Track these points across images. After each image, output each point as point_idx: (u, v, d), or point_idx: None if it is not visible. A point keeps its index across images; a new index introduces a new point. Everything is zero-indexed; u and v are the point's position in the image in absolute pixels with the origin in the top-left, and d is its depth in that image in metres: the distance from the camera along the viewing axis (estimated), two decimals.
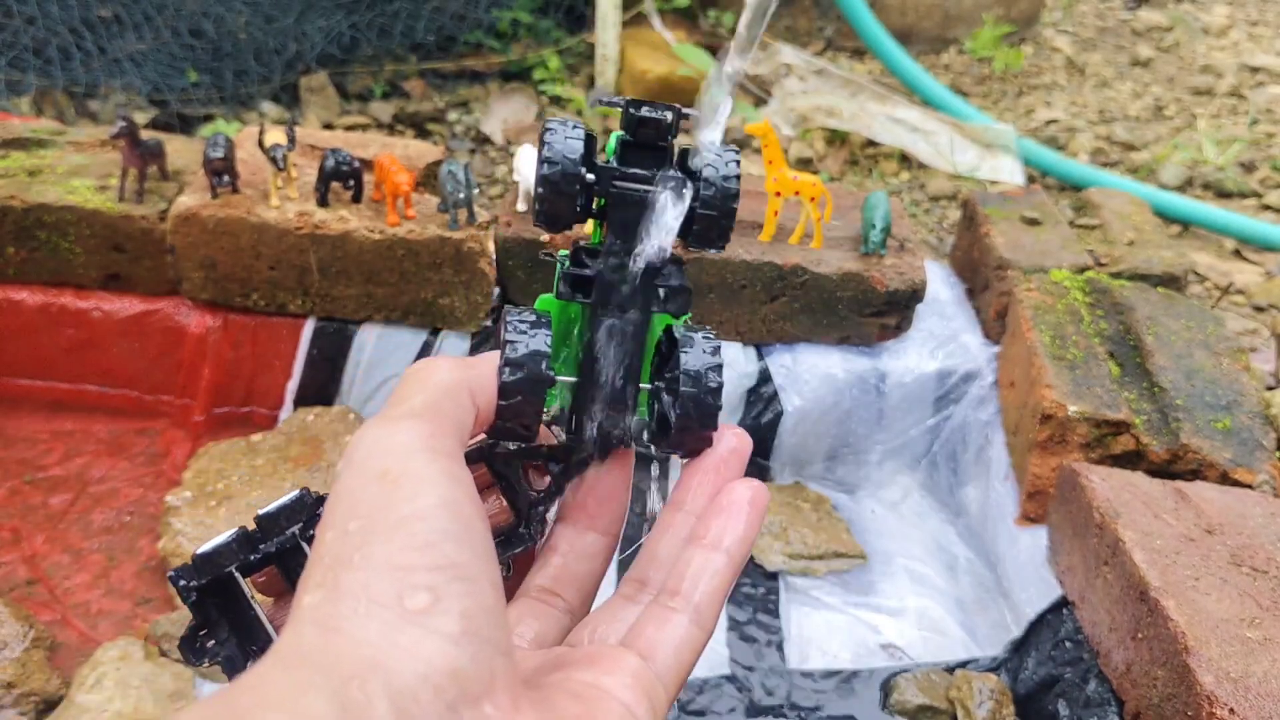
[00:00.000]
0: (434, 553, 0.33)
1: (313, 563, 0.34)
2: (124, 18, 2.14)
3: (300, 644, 0.31)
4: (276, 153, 1.41)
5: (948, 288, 1.65)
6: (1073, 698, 1.12)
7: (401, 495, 0.34)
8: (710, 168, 0.43)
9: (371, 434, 0.37)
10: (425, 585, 0.32)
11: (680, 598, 0.40)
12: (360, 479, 0.35)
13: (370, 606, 0.32)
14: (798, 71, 2.45)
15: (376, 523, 0.34)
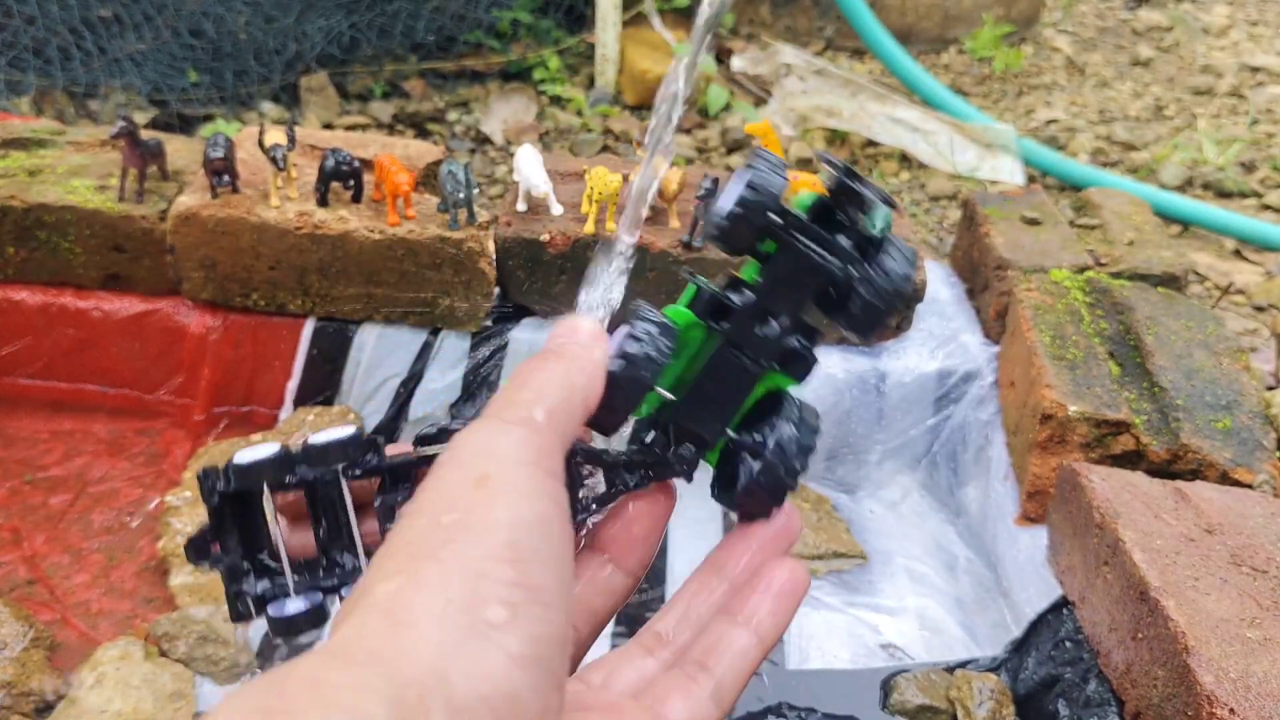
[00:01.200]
0: (521, 569, 0.32)
1: (393, 547, 0.33)
2: (124, 17, 2.14)
3: (365, 635, 0.30)
4: (276, 153, 1.41)
5: (948, 288, 1.65)
6: (1073, 698, 1.12)
7: (500, 504, 0.33)
8: (892, 259, 0.42)
9: (481, 435, 0.36)
10: (505, 600, 0.31)
11: (706, 673, 0.40)
12: (461, 477, 0.35)
13: (447, 607, 0.31)
14: (798, 71, 2.45)
15: (470, 523, 0.33)
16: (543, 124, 2.36)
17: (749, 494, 0.42)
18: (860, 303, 0.42)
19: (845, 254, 0.42)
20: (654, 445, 0.43)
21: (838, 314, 0.44)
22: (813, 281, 0.43)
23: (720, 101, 2.41)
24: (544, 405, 0.37)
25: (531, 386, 0.38)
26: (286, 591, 0.44)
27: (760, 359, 0.43)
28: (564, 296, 1.51)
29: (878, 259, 0.43)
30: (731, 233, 0.42)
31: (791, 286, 0.43)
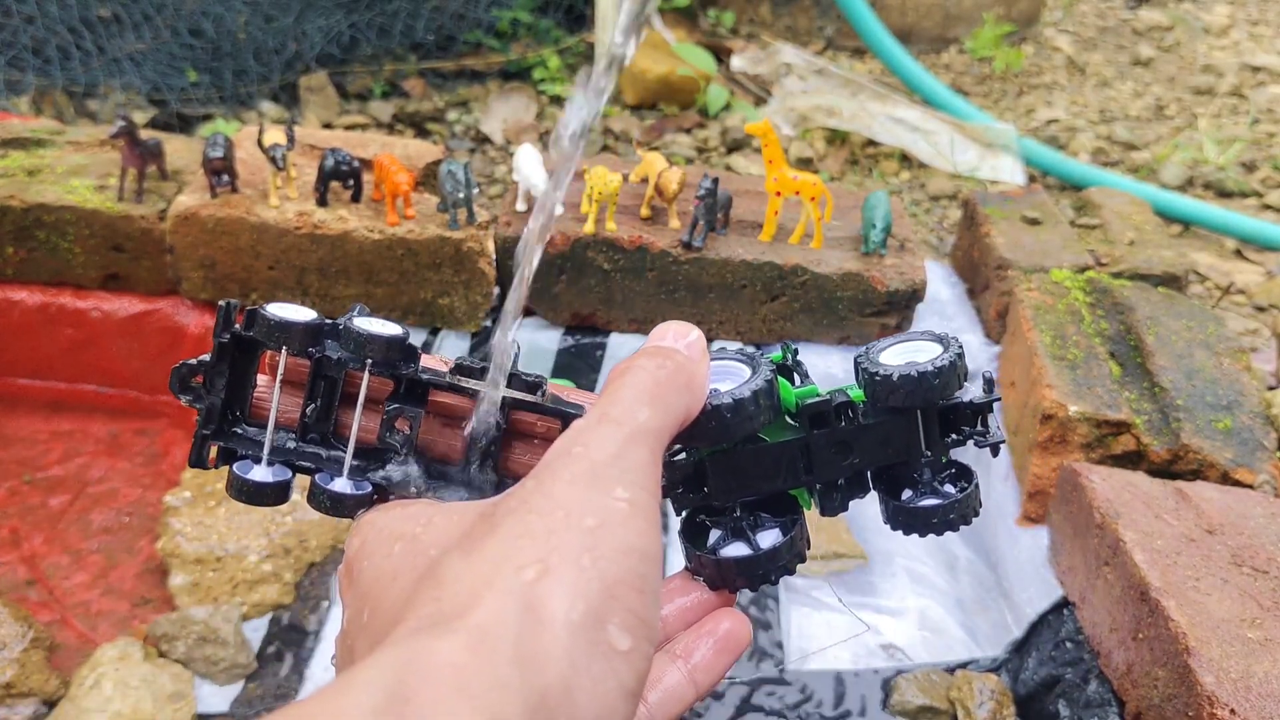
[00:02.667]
0: (644, 601, 0.32)
1: (531, 526, 0.33)
2: (123, 17, 2.14)
3: (504, 625, 0.30)
4: (276, 152, 1.40)
5: (948, 287, 1.65)
6: (1073, 698, 1.12)
7: (634, 528, 0.33)
8: (954, 488, 0.45)
9: (614, 442, 0.36)
10: (629, 628, 0.31)
11: (645, 706, 0.40)
12: (597, 480, 0.34)
13: (585, 618, 0.31)
14: (798, 71, 2.44)
15: (610, 538, 0.33)
16: (542, 123, 2.36)
17: (720, 569, 0.43)
18: (920, 506, 0.45)
19: (938, 464, 0.45)
20: (675, 464, 0.44)
21: (887, 494, 0.46)
22: (899, 460, 0.45)
23: (720, 101, 2.41)
24: (665, 420, 0.38)
25: (657, 397, 0.38)
26: (258, 457, 0.43)
27: (816, 476, 0.45)
28: (564, 296, 1.51)
29: (950, 479, 0.45)
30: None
31: (882, 449, 0.45)
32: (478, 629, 0.30)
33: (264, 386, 0.45)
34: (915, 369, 0.44)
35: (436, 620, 0.30)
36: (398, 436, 0.42)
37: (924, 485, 0.45)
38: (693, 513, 0.45)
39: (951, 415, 0.46)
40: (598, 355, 1.52)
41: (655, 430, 0.37)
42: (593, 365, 1.52)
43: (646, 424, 0.37)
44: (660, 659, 0.42)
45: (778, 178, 1.46)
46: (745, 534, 0.44)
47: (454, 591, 0.31)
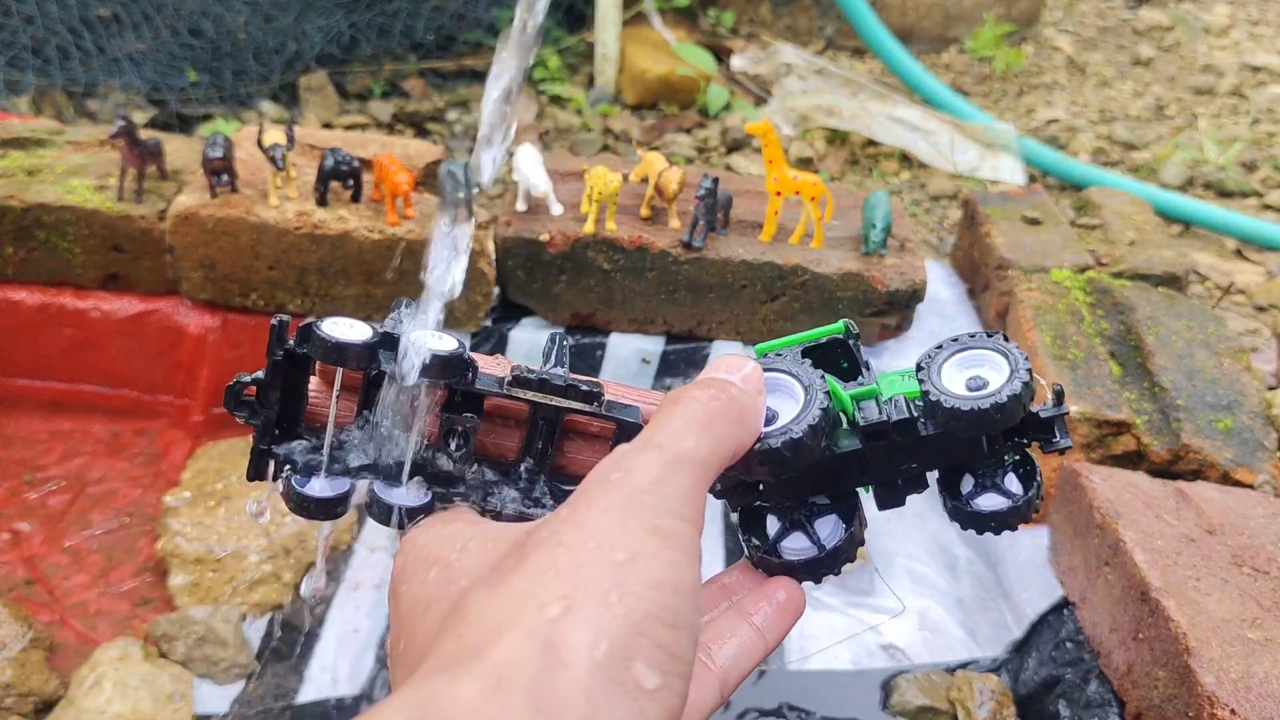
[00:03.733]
0: (675, 636, 0.32)
1: (558, 561, 0.32)
2: (123, 17, 2.14)
3: (524, 666, 0.30)
4: (275, 152, 1.40)
5: (948, 287, 1.65)
6: (1073, 699, 1.12)
7: (666, 560, 0.33)
8: (1018, 483, 0.46)
9: (655, 469, 0.35)
10: (658, 665, 0.31)
11: (711, 658, 0.41)
12: (632, 511, 0.34)
13: (609, 656, 0.30)
14: (798, 71, 2.44)
15: (639, 573, 0.32)
16: (542, 123, 2.36)
17: (785, 568, 0.44)
18: (981, 511, 0.47)
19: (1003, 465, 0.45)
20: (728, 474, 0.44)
21: (945, 489, 0.47)
22: (959, 463, 0.46)
23: (720, 101, 2.41)
24: (714, 452, 0.37)
25: (707, 427, 0.38)
26: (314, 470, 0.43)
27: (874, 477, 0.46)
28: (564, 296, 1.51)
29: (1014, 471, 0.46)
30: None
31: (941, 456, 0.45)
32: (496, 670, 0.30)
33: (316, 390, 0.45)
34: (982, 403, 0.42)
35: (458, 659, 0.31)
36: (455, 444, 0.43)
37: (985, 480, 0.45)
38: (749, 514, 0.46)
39: (1019, 423, 0.45)
40: (598, 355, 1.52)
41: (702, 460, 0.37)
42: (593, 365, 1.51)
43: (693, 452, 0.37)
44: (729, 616, 0.42)
45: (778, 177, 1.46)
46: (804, 525, 0.45)
47: (477, 629, 0.32)
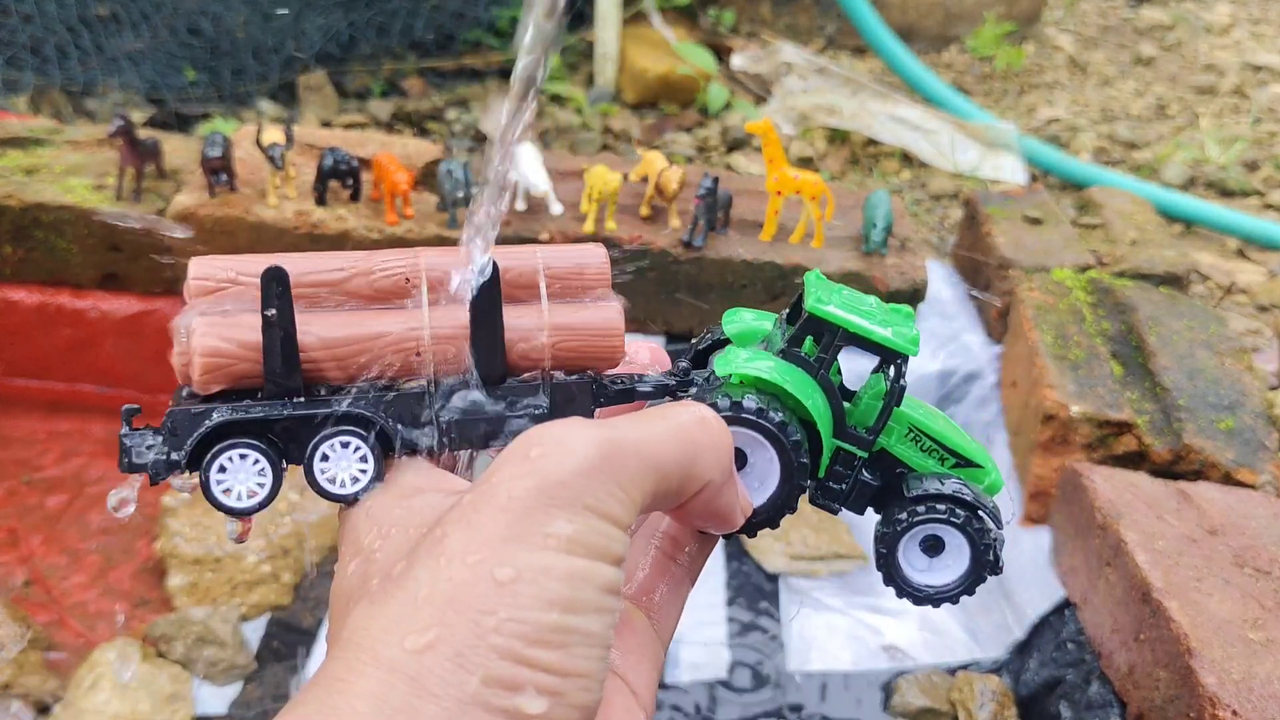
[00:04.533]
0: (567, 655, 0.30)
1: (435, 587, 0.30)
2: (121, 16, 2.13)
3: (386, 704, 0.29)
4: (274, 151, 1.40)
5: (949, 287, 1.65)
6: (1075, 699, 1.11)
7: (560, 572, 0.31)
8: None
9: (586, 452, 0.32)
10: (546, 688, 0.30)
11: (659, 624, 0.41)
12: (530, 511, 0.31)
13: (481, 690, 0.29)
14: (798, 70, 2.44)
15: (524, 589, 0.30)
16: (542, 122, 2.36)
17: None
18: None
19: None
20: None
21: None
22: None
23: (720, 100, 2.41)
24: (675, 466, 0.34)
25: (684, 441, 0.35)
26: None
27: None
28: None
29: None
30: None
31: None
32: (352, 709, 0.29)
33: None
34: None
35: (331, 683, 0.30)
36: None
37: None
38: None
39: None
40: None
41: (654, 462, 0.34)
42: None
43: (646, 447, 0.34)
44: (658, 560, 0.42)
45: (778, 177, 1.46)
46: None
47: (349, 655, 0.30)
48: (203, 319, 0.40)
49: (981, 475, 0.45)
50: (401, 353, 0.41)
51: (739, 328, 0.46)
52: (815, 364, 0.43)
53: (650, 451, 0.34)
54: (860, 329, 0.43)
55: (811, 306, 0.43)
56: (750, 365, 0.42)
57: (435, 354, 0.41)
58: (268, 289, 0.39)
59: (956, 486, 0.44)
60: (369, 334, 0.41)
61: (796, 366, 0.43)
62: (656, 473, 0.34)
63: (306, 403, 0.40)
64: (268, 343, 0.39)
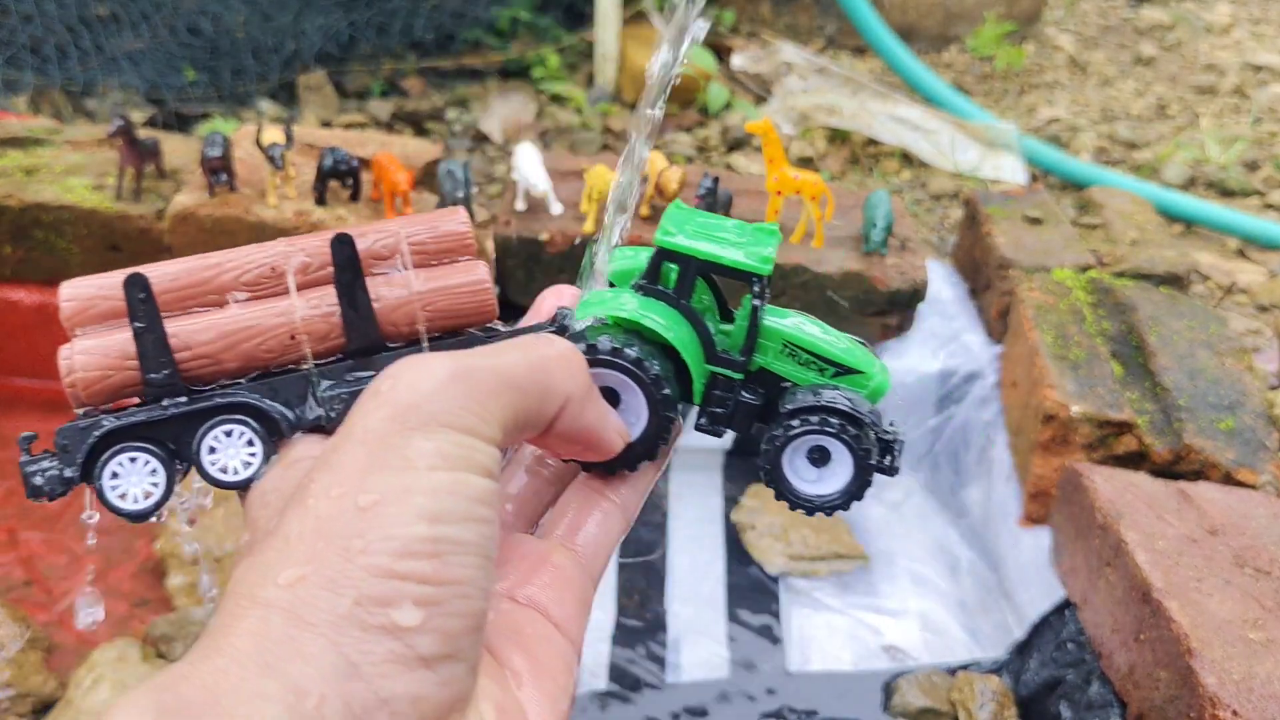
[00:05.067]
0: (440, 564, 0.31)
1: (304, 523, 0.31)
2: (121, 16, 2.13)
3: (266, 637, 0.29)
4: (274, 151, 1.40)
5: (949, 287, 1.65)
6: (1075, 700, 1.11)
7: (425, 487, 0.31)
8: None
9: (438, 376, 0.33)
10: (420, 599, 0.30)
11: (580, 549, 0.42)
12: (386, 442, 0.32)
13: (354, 610, 0.30)
14: (799, 70, 2.44)
15: (389, 509, 0.31)
16: (542, 122, 2.36)
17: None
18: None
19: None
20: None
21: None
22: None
23: (721, 100, 2.40)
24: (529, 383, 0.35)
25: (536, 365, 0.36)
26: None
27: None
28: None
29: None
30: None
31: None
32: (234, 645, 0.29)
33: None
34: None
35: (213, 631, 0.30)
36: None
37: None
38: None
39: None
40: None
41: (507, 377, 0.34)
42: None
43: (498, 367, 0.34)
44: (584, 494, 0.43)
45: (778, 177, 1.46)
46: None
47: (229, 606, 0.31)
48: (78, 340, 0.42)
49: (864, 381, 0.46)
50: (277, 339, 0.42)
51: (620, 265, 0.47)
52: (675, 295, 0.44)
53: (501, 367, 0.35)
54: (707, 255, 0.44)
55: (658, 239, 0.44)
56: (608, 306, 0.44)
57: (310, 334, 0.43)
58: (131, 297, 0.41)
59: (831, 395, 0.44)
60: (241, 326, 0.42)
61: (657, 300, 0.44)
62: (511, 388, 0.34)
63: (185, 400, 0.42)
64: (140, 349, 0.41)
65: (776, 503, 1.51)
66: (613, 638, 1.27)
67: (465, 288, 0.45)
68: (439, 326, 0.45)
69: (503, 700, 0.34)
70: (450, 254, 0.46)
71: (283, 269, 0.43)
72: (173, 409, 0.42)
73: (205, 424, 0.42)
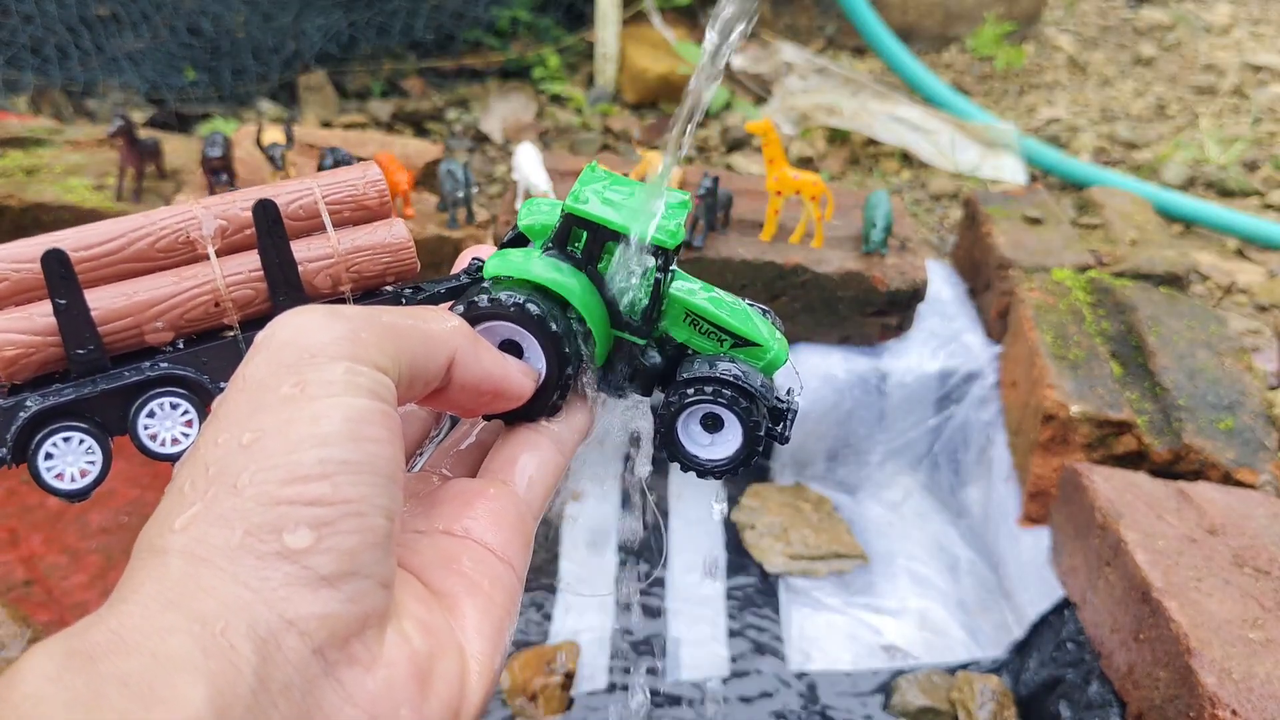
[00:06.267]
0: (330, 485, 0.31)
1: (193, 467, 0.32)
2: (122, 16, 2.13)
3: (165, 579, 0.30)
4: (274, 151, 1.40)
5: (949, 287, 1.65)
6: (1075, 699, 1.11)
7: (306, 416, 0.32)
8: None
9: (295, 325, 0.34)
10: (310, 521, 0.31)
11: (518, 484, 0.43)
12: (267, 381, 0.33)
13: (245, 540, 0.30)
14: (799, 70, 2.44)
15: (271, 445, 0.32)
16: (542, 122, 2.36)
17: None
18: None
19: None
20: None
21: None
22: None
23: (720, 100, 2.41)
24: (407, 329, 0.36)
25: (376, 309, 0.37)
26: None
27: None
28: None
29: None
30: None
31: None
32: (135, 591, 0.30)
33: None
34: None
35: (119, 586, 0.31)
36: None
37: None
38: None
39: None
40: None
41: (379, 319, 0.35)
42: None
43: (367, 309, 0.35)
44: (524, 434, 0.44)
45: (778, 177, 1.46)
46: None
47: (134, 556, 0.32)
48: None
49: (760, 354, 0.48)
50: (199, 306, 0.42)
51: (534, 220, 0.49)
52: (582, 259, 0.45)
53: (375, 313, 0.36)
54: (616, 225, 0.45)
55: (567, 206, 0.45)
56: (517, 267, 0.45)
57: (234, 301, 0.42)
58: (51, 273, 0.40)
59: (725, 367, 0.46)
60: (164, 296, 0.42)
61: (561, 263, 0.45)
62: (390, 329, 0.35)
63: (114, 374, 0.41)
64: (63, 325, 0.40)
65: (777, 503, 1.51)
66: (612, 638, 1.27)
67: (390, 246, 0.45)
68: (362, 286, 0.45)
69: (428, 619, 0.35)
70: (368, 210, 0.46)
71: (196, 237, 0.43)
72: (103, 385, 0.41)
73: (139, 398, 0.41)
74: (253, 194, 0.44)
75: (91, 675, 0.27)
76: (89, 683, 0.27)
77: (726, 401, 0.46)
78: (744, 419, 0.46)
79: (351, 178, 0.46)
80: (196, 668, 0.28)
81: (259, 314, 0.43)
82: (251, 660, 0.29)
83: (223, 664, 0.28)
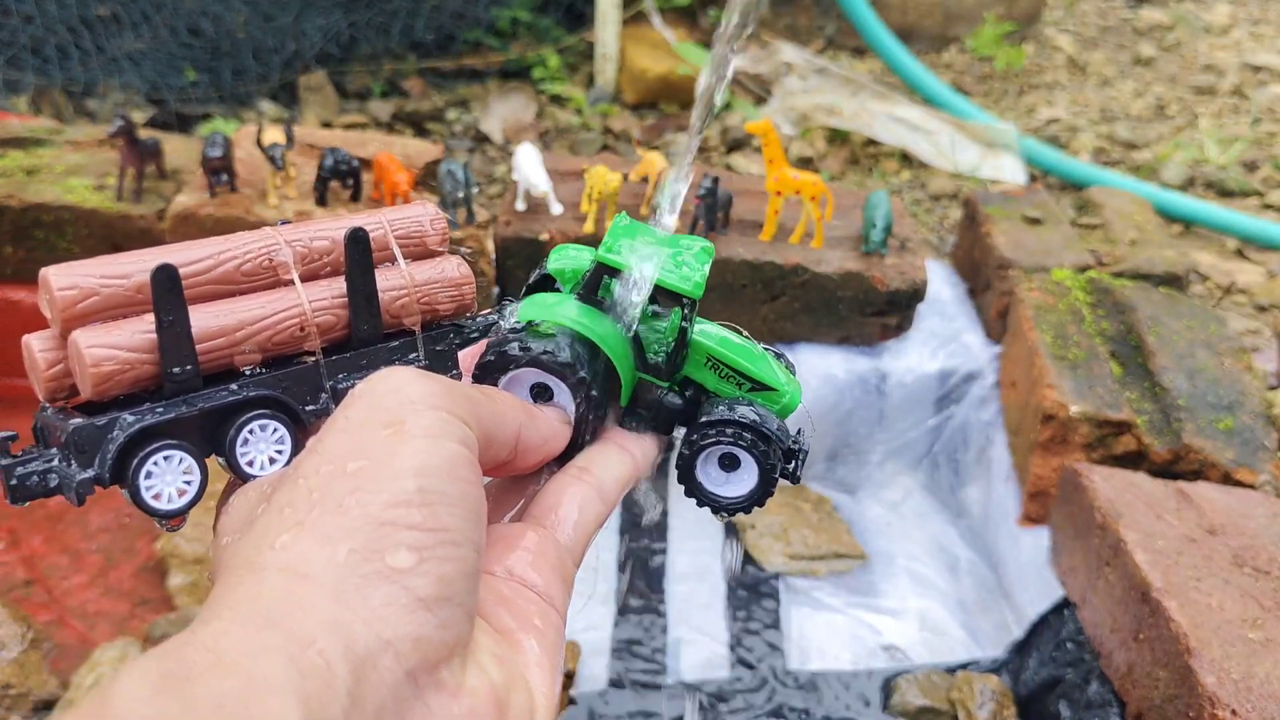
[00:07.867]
0: (428, 512, 0.33)
1: (295, 493, 0.33)
2: (122, 16, 2.14)
3: (262, 595, 0.30)
4: (275, 152, 1.40)
5: (949, 287, 1.65)
6: (1074, 699, 1.12)
7: (409, 448, 0.34)
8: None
9: (394, 379, 0.36)
10: (412, 544, 0.32)
11: (561, 525, 0.44)
12: (371, 420, 0.35)
13: (349, 558, 0.31)
14: (798, 70, 2.44)
15: (377, 471, 0.33)
16: (542, 123, 2.36)
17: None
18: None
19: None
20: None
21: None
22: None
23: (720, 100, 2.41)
24: (466, 389, 0.38)
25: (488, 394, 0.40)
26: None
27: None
28: None
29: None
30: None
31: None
32: (235, 606, 0.30)
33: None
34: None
35: (207, 610, 0.31)
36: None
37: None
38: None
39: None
40: None
41: (460, 389, 0.37)
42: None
43: (459, 384, 0.37)
44: (564, 481, 0.45)
45: (778, 177, 1.46)
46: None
47: (224, 581, 0.32)
48: (83, 333, 0.41)
49: (776, 398, 0.50)
50: (286, 329, 0.43)
51: (562, 264, 0.50)
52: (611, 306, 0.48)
53: (454, 382, 0.38)
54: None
55: (599, 255, 0.47)
56: (552, 312, 0.47)
57: (318, 326, 0.43)
58: (159, 289, 0.40)
59: (744, 411, 0.48)
60: (252, 318, 0.42)
61: (593, 309, 0.47)
62: (470, 396, 0.38)
63: (210, 394, 0.41)
64: (164, 343, 0.40)
65: (777, 503, 1.51)
66: (613, 638, 1.27)
67: (454, 282, 0.48)
68: (428, 318, 0.47)
69: (500, 653, 0.35)
70: (428, 246, 0.48)
71: (279, 261, 0.43)
72: (202, 404, 0.41)
73: (237, 419, 0.41)
74: (327, 223, 0.45)
75: (186, 698, 0.27)
76: (183, 706, 0.27)
77: (746, 445, 0.48)
78: (760, 460, 0.48)
79: (416, 214, 0.48)
80: (293, 689, 0.28)
81: (338, 339, 0.44)
82: (346, 681, 0.29)
83: (318, 684, 0.28)
